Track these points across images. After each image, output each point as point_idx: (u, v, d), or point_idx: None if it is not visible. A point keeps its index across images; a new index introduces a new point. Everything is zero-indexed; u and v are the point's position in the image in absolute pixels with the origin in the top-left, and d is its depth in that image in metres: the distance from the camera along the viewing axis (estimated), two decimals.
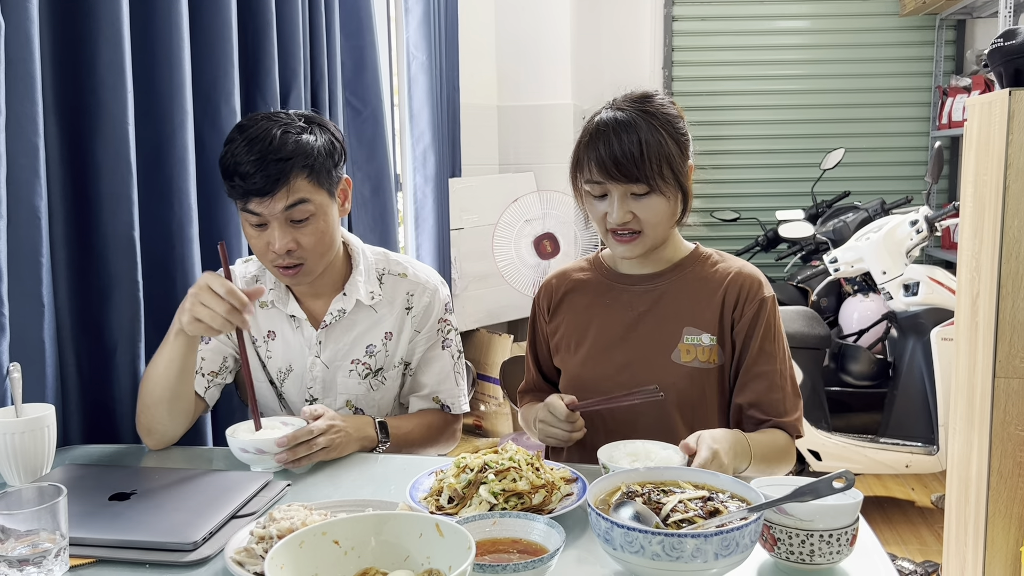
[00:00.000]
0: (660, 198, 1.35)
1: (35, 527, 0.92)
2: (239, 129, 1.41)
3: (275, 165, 1.35)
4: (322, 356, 1.54)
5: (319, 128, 1.44)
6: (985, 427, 1.92)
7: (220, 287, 1.27)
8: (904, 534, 2.90)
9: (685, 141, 1.38)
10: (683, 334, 1.41)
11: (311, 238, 1.41)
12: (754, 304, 1.41)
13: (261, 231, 1.41)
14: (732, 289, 1.42)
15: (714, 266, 1.46)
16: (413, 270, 1.60)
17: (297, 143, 1.38)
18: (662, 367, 1.41)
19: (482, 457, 1.13)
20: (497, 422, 3.80)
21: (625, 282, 1.48)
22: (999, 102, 1.85)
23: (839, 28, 4.39)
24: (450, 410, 1.62)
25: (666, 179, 1.34)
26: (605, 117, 1.36)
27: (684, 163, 1.38)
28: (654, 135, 1.33)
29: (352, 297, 1.53)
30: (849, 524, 0.95)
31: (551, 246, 3.40)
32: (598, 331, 1.47)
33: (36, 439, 1.21)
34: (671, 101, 1.42)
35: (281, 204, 1.37)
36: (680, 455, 1.18)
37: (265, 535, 0.96)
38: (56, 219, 1.43)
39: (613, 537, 0.88)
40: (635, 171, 1.32)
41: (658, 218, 1.36)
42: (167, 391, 1.38)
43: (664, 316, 1.43)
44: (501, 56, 4.18)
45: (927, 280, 2.90)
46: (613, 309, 1.47)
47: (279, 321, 1.55)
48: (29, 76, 1.30)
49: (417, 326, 1.58)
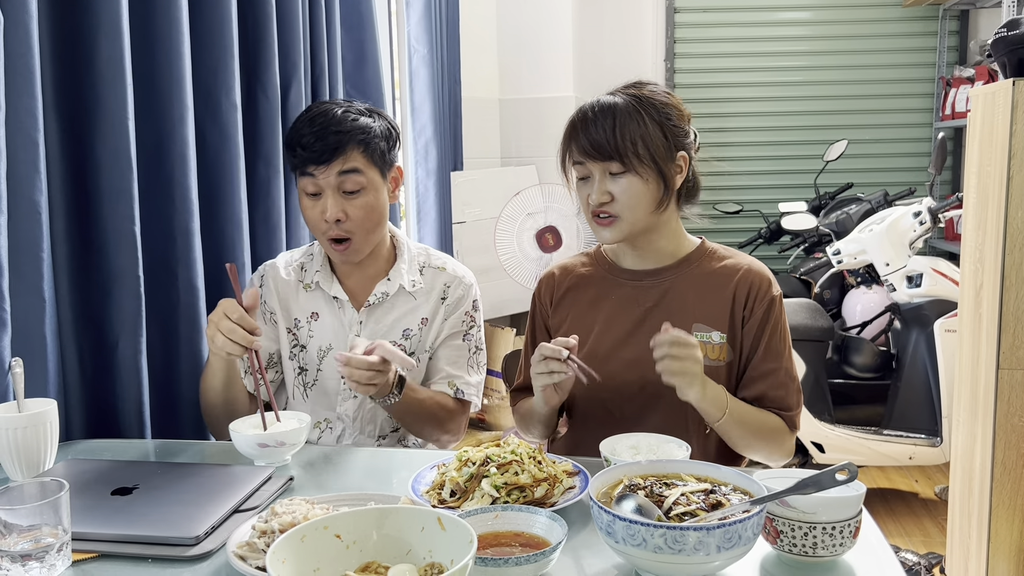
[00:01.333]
0: (636, 179, 1.34)
1: (37, 522, 0.93)
2: (305, 111, 1.56)
3: (334, 136, 1.48)
4: (362, 335, 1.59)
5: (378, 116, 1.57)
6: (989, 419, 1.91)
7: (233, 312, 1.35)
8: (908, 526, 2.90)
9: (674, 128, 1.38)
10: (692, 331, 1.39)
11: (360, 211, 1.51)
12: (764, 303, 1.40)
13: (316, 201, 1.51)
14: (742, 287, 1.41)
15: (721, 261, 1.45)
16: (452, 265, 1.69)
17: (356, 121, 1.51)
18: None
19: (484, 451, 1.13)
20: (500, 415, 3.80)
21: (629, 277, 1.46)
22: (1003, 92, 1.84)
23: (842, 19, 4.37)
24: (463, 395, 1.64)
25: (642, 159, 1.34)
26: (590, 101, 1.38)
27: (669, 150, 1.37)
28: (633, 116, 1.34)
29: (396, 282, 1.61)
30: (852, 516, 0.95)
31: (553, 239, 3.40)
32: (604, 327, 1.45)
33: (38, 434, 1.21)
34: (667, 92, 1.42)
35: (335, 174, 1.49)
36: (683, 449, 1.18)
37: (267, 529, 0.96)
38: (56, 214, 1.42)
39: (615, 530, 0.88)
40: (607, 148, 1.33)
41: (635, 200, 1.35)
42: (219, 398, 1.50)
43: (672, 312, 1.41)
44: (502, 49, 4.16)
45: (930, 272, 2.89)
46: (618, 304, 1.45)
47: (322, 302, 1.62)
48: (28, 71, 1.30)
49: (447, 314, 1.64)
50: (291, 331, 1.63)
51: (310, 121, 1.50)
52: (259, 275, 1.66)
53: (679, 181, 1.40)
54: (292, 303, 1.63)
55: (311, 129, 1.48)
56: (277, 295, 1.63)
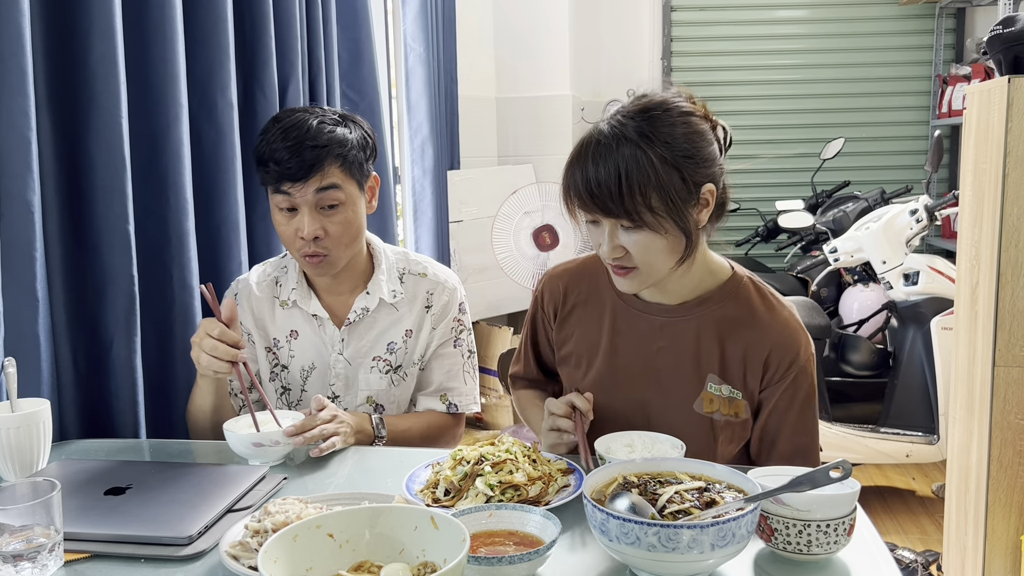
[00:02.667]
0: (650, 234, 1.15)
1: (30, 522, 0.92)
2: (275, 120, 1.47)
3: (310, 152, 1.41)
4: (345, 353, 1.56)
5: (353, 123, 1.50)
6: (985, 416, 1.91)
7: (214, 329, 1.32)
8: (905, 523, 2.90)
9: (694, 165, 1.15)
10: (707, 381, 1.27)
11: (339, 227, 1.46)
12: (790, 374, 1.25)
13: (291, 216, 1.45)
14: (762, 349, 1.25)
15: (749, 306, 1.27)
16: (433, 270, 1.63)
17: (332, 133, 1.44)
18: (682, 414, 1.28)
19: (479, 449, 1.13)
20: (497, 415, 3.80)
21: (643, 309, 1.31)
22: (998, 90, 1.84)
23: (838, 17, 4.37)
24: (457, 408, 1.62)
25: (656, 213, 1.13)
26: (593, 131, 1.18)
27: (689, 194, 1.15)
28: (642, 163, 1.12)
29: (375, 296, 1.56)
30: (847, 514, 0.95)
31: (550, 238, 3.39)
32: (609, 358, 1.33)
33: (31, 434, 1.21)
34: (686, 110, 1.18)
35: (312, 191, 1.42)
36: (677, 447, 1.18)
37: (260, 529, 0.95)
38: (50, 213, 1.42)
39: (609, 528, 0.88)
40: (611, 204, 1.13)
41: (652, 256, 1.17)
42: (208, 420, 1.46)
43: (685, 358, 1.27)
44: (499, 47, 4.16)
45: (927, 269, 2.89)
46: (628, 338, 1.31)
47: (301, 320, 1.57)
48: (20, 70, 1.29)
49: (434, 323, 1.60)
50: (271, 350, 1.58)
51: (283, 134, 1.41)
52: (231, 292, 1.61)
53: (705, 217, 1.20)
54: (268, 322, 1.58)
55: (284, 143, 1.40)
56: (252, 314, 1.58)
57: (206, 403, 1.45)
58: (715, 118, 1.23)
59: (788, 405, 1.27)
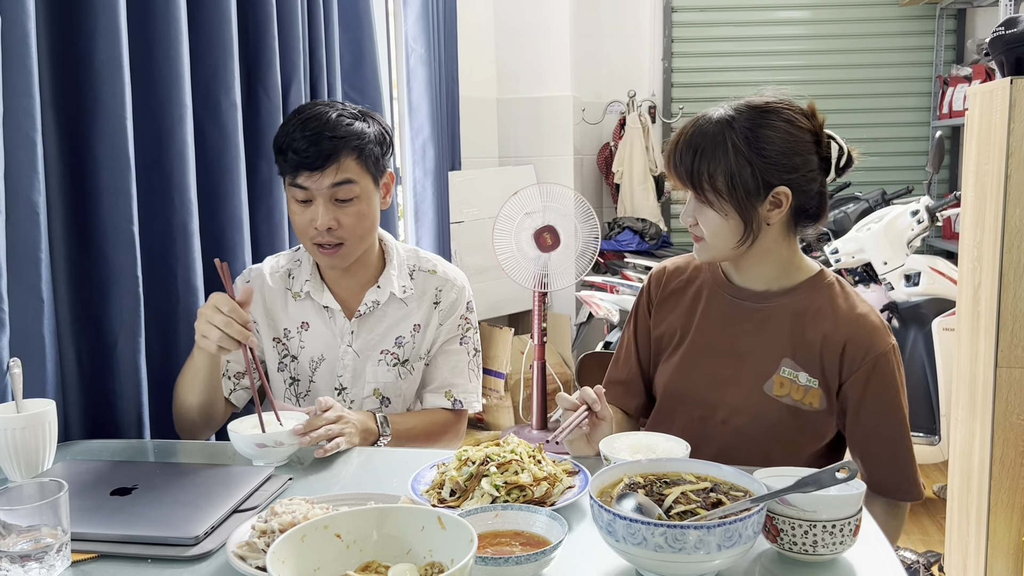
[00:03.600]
0: (715, 213, 1.28)
1: (36, 523, 0.92)
2: (296, 112, 1.49)
3: (328, 142, 1.43)
4: (354, 345, 1.58)
5: (371, 119, 1.52)
6: (987, 417, 1.91)
7: (224, 305, 1.32)
8: (906, 525, 2.90)
9: (769, 165, 1.25)
10: (781, 365, 1.32)
11: (353, 219, 1.47)
12: (867, 363, 1.29)
13: (305, 208, 1.47)
14: (839, 336, 1.30)
15: (832, 300, 1.33)
16: (442, 267, 1.65)
17: (351, 126, 1.46)
18: (753, 394, 1.33)
19: (484, 450, 1.13)
20: (499, 415, 3.80)
21: (732, 293, 1.39)
22: (1000, 91, 1.84)
23: (839, 18, 4.37)
24: (461, 405, 1.63)
25: (720, 195, 1.26)
26: (698, 115, 1.31)
27: (757, 189, 1.25)
28: (719, 149, 1.26)
29: (386, 290, 1.58)
30: (852, 514, 0.95)
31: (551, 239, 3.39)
32: (696, 338, 1.40)
33: (37, 434, 1.21)
34: (792, 118, 1.27)
35: (329, 180, 1.44)
36: (682, 447, 1.18)
37: (267, 529, 0.95)
38: (55, 214, 1.42)
39: (616, 529, 0.88)
40: (684, 175, 1.28)
41: (714, 232, 1.30)
42: (197, 399, 1.46)
43: (765, 341, 1.34)
44: (500, 48, 4.16)
45: (928, 270, 2.89)
46: (715, 319, 1.39)
47: (312, 312, 1.59)
48: (26, 70, 1.30)
49: (441, 319, 1.62)
50: (280, 341, 1.59)
51: (302, 124, 1.44)
52: (243, 279, 1.62)
53: (775, 217, 1.29)
54: (279, 312, 1.59)
55: (303, 133, 1.43)
56: (264, 303, 1.59)
57: (198, 379, 1.43)
58: (829, 136, 1.31)
59: (869, 392, 1.30)
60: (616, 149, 4.27)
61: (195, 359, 1.43)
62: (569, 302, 4.13)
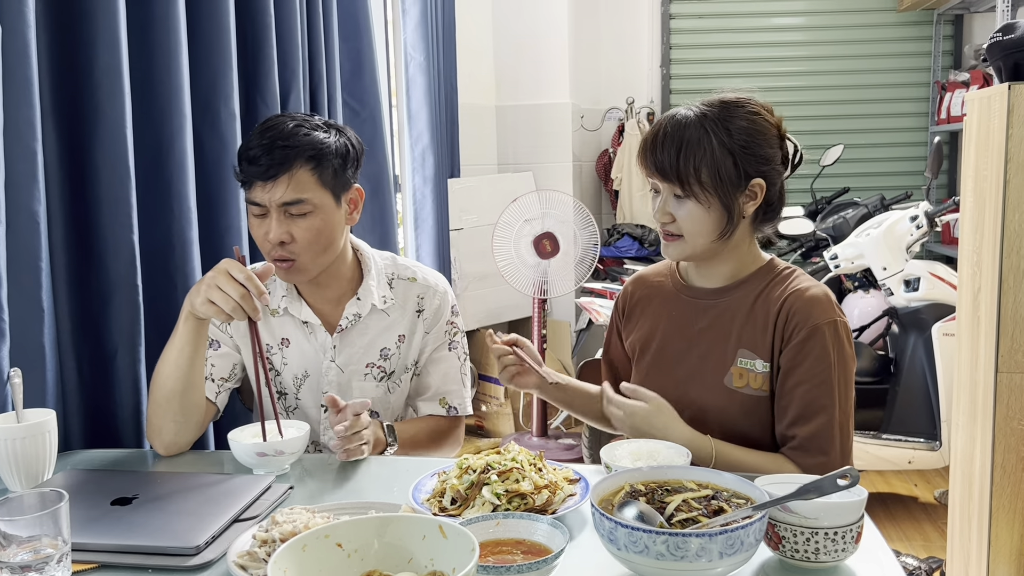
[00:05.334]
0: (697, 206, 1.29)
1: (37, 533, 0.92)
2: (261, 123, 1.46)
3: (280, 151, 1.39)
4: (337, 360, 1.55)
5: (338, 132, 1.47)
6: (988, 423, 1.91)
7: (239, 272, 1.27)
8: (908, 530, 2.90)
9: (748, 156, 1.29)
10: (737, 356, 1.34)
11: (306, 233, 1.42)
12: (804, 330, 1.29)
13: (262, 220, 1.43)
14: (784, 311, 1.32)
15: (780, 285, 1.36)
16: (422, 274, 1.62)
17: (308, 136, 1.41)
18: (714, 389, 1.35)
19: (485, 458, 1.13)
20: (499, 422, 3.79)
21: (690, 294, 1.42)
22: (998, 96, 1.84)
23: (837, 24, 4.38)
24: (457, 411, 1.63)
25: (705, 187, 1.28)
26: (674, 110, 1.34)
27: (739, 179, 1.29)
28: (702, 141, 1.28)
29: (367, 301, 1.55)
30: (854, 521, 0.95)
31: (551, 245, 3.40)
32: (662, 343, 1.43)
33: (37, 444, 1.21)
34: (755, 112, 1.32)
35: (279, 193, 1.39)
36: (683, 454, 1.18)
37: (268, 539, 0.95)
38: (55, 224, 1.42)
39: (617, 537, 0.88)
40: (669, 172, 1.29)
41: (695, 226, 1.31)
42: (179, 382, 1.36)
43: (721, 335, 1.36)
44: (499, 56, 4.17)
45: (928, 276, 2.89)
46: (677, 322, 1.42)
47: (292, 328, 1.55)
48: (26, 81, 1.30)
49: (427, 328, 1.60)
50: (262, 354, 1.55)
51: (260, 134, 1.41)
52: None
53: (751, 209, 1.33)
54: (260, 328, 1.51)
55: (259, 142, 1.39)
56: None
57: (183, 357, 1.34)
58: (788, 135, 1.38)
59: (800, 362, 1.28)
60: (615, 156, 4.27)
61: (183, 331, 1.33)
62: (569, 309, 4.13)
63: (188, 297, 1.32)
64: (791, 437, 1.29)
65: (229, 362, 1.54)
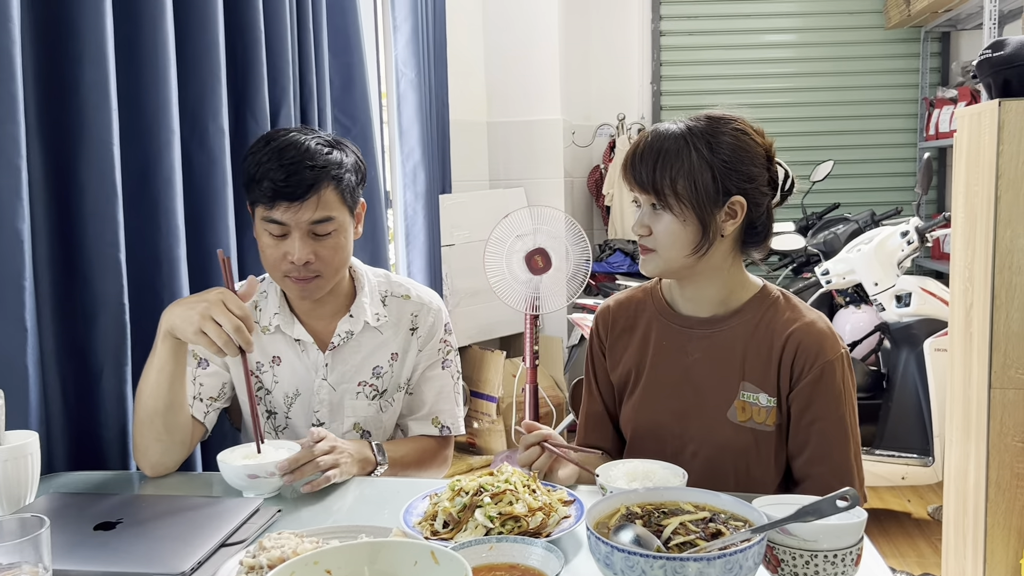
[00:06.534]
0: (673, 219, 1.27)
1: (17, 560, 0.90)
2: (264, 140, 1.43)
3: (309, 172, 1.37)
4: (329, 379, 1.53)
5: (345, 148, 1.47)
6: (982, 438, 1.90)
7: (236, 307, 1.26)
8: (901, 547, 2.89)
9: (729, 171, 1.26)
10: (740, 390, 1.31)
11: (331, 252, 1.43)
12: (817, 368, 1.27)
13: (280, 241, 1.41)
14: (789, 346, 1.29)
15: (779, 315, 1.33)
16: (416, 291, 1.61)
17: (329, 155, 1.41)
18: (717, 423, 1.32)
19: (477, 480, 1.11)
20: (491, 439, 3.77)
21: (681, 323, 1.38)
22: (988, 113, 1.85)
23: (826, 41, 4.42)
24: (450, 431, 1.61)
25: (680, 199, 1.26)
26: (654, 126, 1.32)
27: (717, 194, 1.26)
28: (681, 153, 1.26)
29: (360, 319, 1.53)
30: (854, 544, 0.93)
31: (543, 261, 3.38)
32: (652, 373, 1.38)
33: (19, 467, 1.18)
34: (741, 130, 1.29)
35: (308, 215, 1.38)
36: (679, 476, 1.16)
37: (255, 565, 0.93)
38: (39, 241, 1.40)
39: (614, 561, 0.86)
40: (644, 177, 1.27)
41: (669, 240, 1.28)
42: (160, 401, 1.34)
43: (720, 368, 1.33)
44: (490, 72, 4.18)
45: (919, 291, 2.90)
46: (667, 352, 1.37)
47: (283, 346, 1.53)
48: (10, 96, 1.28)
49: (420, 345, 1.58)
50: (253, 374, 1.52)
51: (278, 154, 1.38)
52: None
53: (730, 228, 1.29)
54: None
55: (280, 162, 1.36)
56: None
57: (163, 376, 1.32)
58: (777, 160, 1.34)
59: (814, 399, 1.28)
60: (606, 171, 4.28)
61: (161, 351, 1.32)
62: (561, 324, 4.12)
63: (166, 316, 1.30)
64: (813, 475, 1.29)
65: (219, 381, 1.51)
